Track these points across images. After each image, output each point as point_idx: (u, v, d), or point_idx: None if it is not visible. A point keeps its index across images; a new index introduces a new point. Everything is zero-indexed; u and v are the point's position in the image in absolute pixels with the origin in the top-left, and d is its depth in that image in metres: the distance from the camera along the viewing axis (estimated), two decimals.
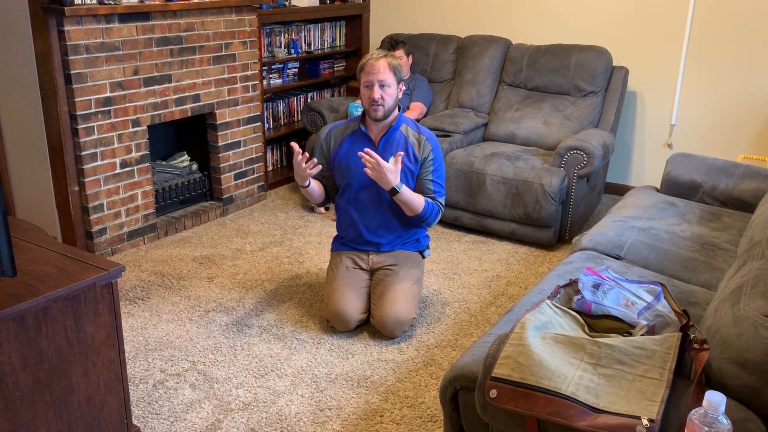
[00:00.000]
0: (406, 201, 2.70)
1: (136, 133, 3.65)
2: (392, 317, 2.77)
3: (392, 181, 2.63)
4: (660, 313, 1.81)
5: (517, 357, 1.59)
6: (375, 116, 2.74)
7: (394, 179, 2.63)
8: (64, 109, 3.34)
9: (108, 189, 3.58)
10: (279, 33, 4.92)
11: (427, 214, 2.78)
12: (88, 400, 1.94)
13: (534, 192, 3.68)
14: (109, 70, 3.45)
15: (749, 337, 1.49)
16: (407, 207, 2.74)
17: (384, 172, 2.60)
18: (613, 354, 1.59)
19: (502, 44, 4.55)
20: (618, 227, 2.77)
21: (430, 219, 2.81)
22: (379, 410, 2.39)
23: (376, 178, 2.63)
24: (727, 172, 3.15)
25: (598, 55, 4.20)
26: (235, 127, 4.24)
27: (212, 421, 2.32)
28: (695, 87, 4.30)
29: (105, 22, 3.38)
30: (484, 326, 2.96)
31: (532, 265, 3.60)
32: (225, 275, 3.42)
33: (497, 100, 4.49)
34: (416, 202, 2.73)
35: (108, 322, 1.93)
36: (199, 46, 3.87)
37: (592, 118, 4.19)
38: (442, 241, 3.91)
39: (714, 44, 4.18)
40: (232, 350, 2.75)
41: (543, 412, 1.49)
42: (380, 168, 2.59)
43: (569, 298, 1.99)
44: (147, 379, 2.56)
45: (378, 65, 2.69)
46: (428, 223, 2.84)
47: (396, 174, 2.63)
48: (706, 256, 2.54)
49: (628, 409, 1.44)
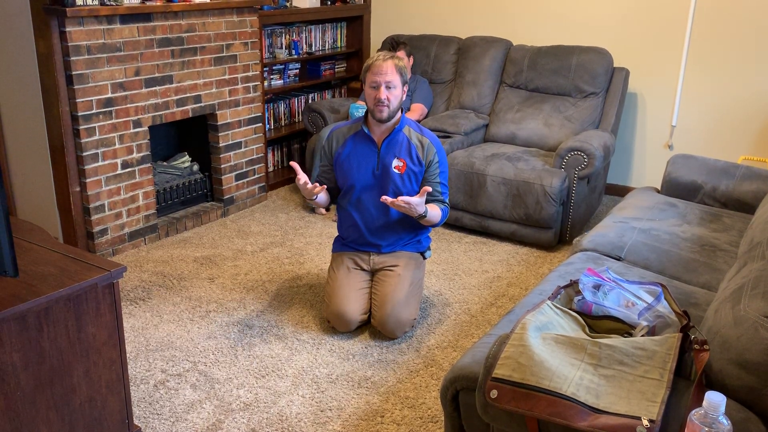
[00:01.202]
0: (430, 219, 2.79)
1: (137, 133, 3.65)
2: (393, 318, 2.77)
3: (421, 211, 2.70)
4: (660, 314, 1.81)
5: (517, 357, 1.59)
6: (380, 117, 2.75)
7: (422, 208, 2.70)
8: (66, 110, 3.35)
9: (109, 189, 3.59)
10: (280, 34, 4.92)
11: (442, 221, 2.87)
12: (90, 400, 1.94)
13: (535, 193, 3.68)
14: (111, 70, 3.45)
15: (749, 338, 1.49)
16: (430, 223, 2.82)
17: (414, 208, 2.67)
18: (614, 355, 1.59)
19: (503, 45, 4.56)
20: (618, 228, 2.77)
21: (442, 222, 2.90)
22: (379, 411, 2.39)
23: (407, 212, 2.69)
24: (728, 174, 3.15)
25: (599, 57, 4.21)
26: (236, 127, 4.24)
27: (213, 421, 2.32)
28: (696, 88, 4.30)
29: (106, 23, 3.38)
30: (485, 327, 2.97)
31: (532, 266, 3.60)
32: (226, 276, 3.42)
33: (498, 101, 4.50)
34: (437, 216, 2.81)
35: (109, 322, 1.93)
36: (200, 47, 3.88)
37: (592, 119, 4.19)
38: (442, 241, 3.91)
39: (715, 45, 4.18)
40: (233, 351, 2.75)
41: (544, 412, 1.49)
42: (411, 207, 2.65)
43: (570, 299, 1.99)
44: (148, 379, 2.56)
45: (386, 66, 2.71)
46: (438, 225, 2.92)
47: (422, 203, 2.69)
48: (707, 257, 2.54)
49: (628, 409, 1.45)
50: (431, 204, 2.80)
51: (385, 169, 2.81)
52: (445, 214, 2.86)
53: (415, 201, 2.64)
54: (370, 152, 2.83)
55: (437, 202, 2.84)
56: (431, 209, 2.77)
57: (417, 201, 2.65)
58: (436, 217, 2.80)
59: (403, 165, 2.80)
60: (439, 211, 2.82)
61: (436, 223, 2.84)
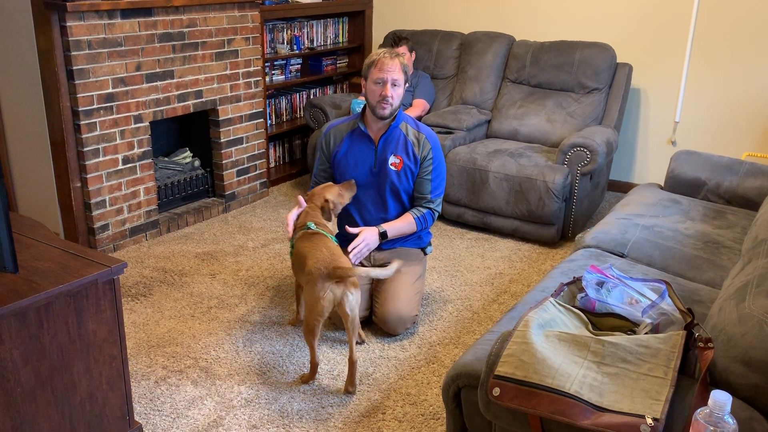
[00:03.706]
0: (397, 234, 2.82)
1: (138, 129, 3.64)
2: (394, 314, 2.76)
3: (376, 238, 2.75)
4: (664, 312, 1.80)
5: (520, 355, 1.58)
6: (382, 114, 2.74)
7: (375, 235, 2.75)
8: (67, 105, 3.34)
9: (110, 185, 3.58)
10: (282, 29, 4.90)
11: (421, 228, 2.87)
12: (90, 397, 1.93)
13: (537, 189, 3.67)
14: (112, 65, 3.44)
15: (754, 336, 1.48)
16: (402, 235, 2.85)
17: (369, 244, 2.72)
18: (617, 352, 1.58)
19: (506, 41, 4.54)
20: (621, 225, 2.76)
21: (426, 229, 2.92)
22: (381, 407, 2.38)
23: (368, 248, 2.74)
24: (732, 170, 3.13)
25: (602, 52, 4.19)
26: (237, 123, 4.23)
27: (214, 417, 2.32)
28: (699, 84, 4.28)
29: (107, 18, 3.37)
30: (487, 324, 2.96)
31: (535, 263, 3.59)
32: (227, 272, 3.41)
33: (500, 97, 4.48)
34: (407, 229, 2.83)
35: (110, 318, 1.93)
36: (201, 42, 3.87)
37: (595, 115, 4.18)
38: (444, 238, 3.90)
39: (719, 41, 4.16)
40: (234, 347, 2.74)
41: (546, 410, 1.48)
42: (365, 245, 2.70)
43: (573, 296, 1.98)
44: (149, 375, 2.55)
45: (392, 64, 2.71)
46: (425, 230, 2.94)
47: (372, 231, 2.74)
48: (711, 254, 2.53)
49: (632, 407, 1.44)
50: (403, 216, 2.82)
51: (383, 166, 2.81)
52: (427, 222, 2.86)
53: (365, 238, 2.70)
54: (367, 150, 2.83)
55: (423, 202, 2.85)
56: (399, 226, 2.80)
57: (365, 237, 2.70)
58: (407, 230, 2.83)
59: (399, 162, 2.79)
60: (412, 221, 2.81)
61: (412, 232, 2.86)
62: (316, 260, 2.43)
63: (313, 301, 2.39)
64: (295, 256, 2.63)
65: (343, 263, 2.42)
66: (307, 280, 2.43)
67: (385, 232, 2.77)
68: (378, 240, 2.75)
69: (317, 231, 2.62)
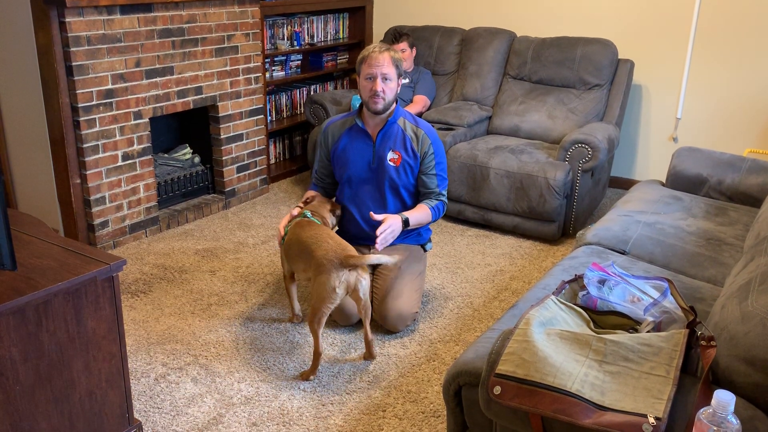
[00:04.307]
0: (416, 224, 2.81)
1: (138, 125, 3.63)
2: (395, 311, 2.76)
3: (400, 225, 2.71)
4: (666, 310, 1.79)
5: (521, 353, 1.57)
6: (375, 109, 2.73)
7: (399, 222, 2.71)
8: (66, 101, 3.32)
9: (110, 182, 3.57)
10: (282, 25, 4.89)
11: (435, 218, 2.87)
12: (89, 394, 1.93)
13: (538, 186, 3.66)
14: (111, 61, 3.43)
15: (757, 334, 1.47)
16: (419, 225, 2.84)
17: (395, 230, 2.69)
18: (619, 351, 1.57)
19: (507, 36, 4.52)
20: (623, 222, 2.75)
21: (439, 217, 2.91)
22: (381, 405, 2.38)
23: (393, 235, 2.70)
24: (734, 167, 3.12)
25: (604, 48, 4.17)
26: (237, 119, 4.22)
27: (214, 415, 2.31)
28: (701, 80, 4.26)
29: (107, 14, 3.36)
30: (488, 321, 2.95)
31: (536, 260, 3.58)
32: (227, 268, 3.40)
33: (501, 93, 4.46)
34: (424, 218, 2.82)
35: (109, 315, 1.92)
36: (201, 38, 3.85)
37: (597, 112, 4.16)
38: (445, 234, 3.89)
39: (720, 37, 4.14)
40: (234, 344, 2.74)
41: (548, 409, 1.47)
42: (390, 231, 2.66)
43: (574, 294, 1.97)
44: (149, 373, 2.55)
45: (382, 58, 2.69)
46: (433, 222, 2.93)
47: (396, 218, 2.70)
48: (712, 252, 2.52)
49: (634, 406, 1.43)
50: (419, 206, 2.81)
51: (381, 162, 2.80)
52: (439, 211, 2.87)
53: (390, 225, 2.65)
54: (365, 146, 2.82)
55: (432, 195, 2.84)
56: (418, 215, 2.78)
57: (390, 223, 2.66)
58: (424, 220, 2.82)
59: (398, 158, 2.79)
60: (428, 211, 2.81)
61: (429, 222, 2.86)
62: (325, 251, 2.48)
63: (327, 290, 2.44)
64: (288, 244, 2.65)
65: (352, 251, 2.50)
66: (317, 270, 2.47)
67: (407, 220, 2.74)
68: (402, 227, 2.73)
69: (313, 220, 2.64)
